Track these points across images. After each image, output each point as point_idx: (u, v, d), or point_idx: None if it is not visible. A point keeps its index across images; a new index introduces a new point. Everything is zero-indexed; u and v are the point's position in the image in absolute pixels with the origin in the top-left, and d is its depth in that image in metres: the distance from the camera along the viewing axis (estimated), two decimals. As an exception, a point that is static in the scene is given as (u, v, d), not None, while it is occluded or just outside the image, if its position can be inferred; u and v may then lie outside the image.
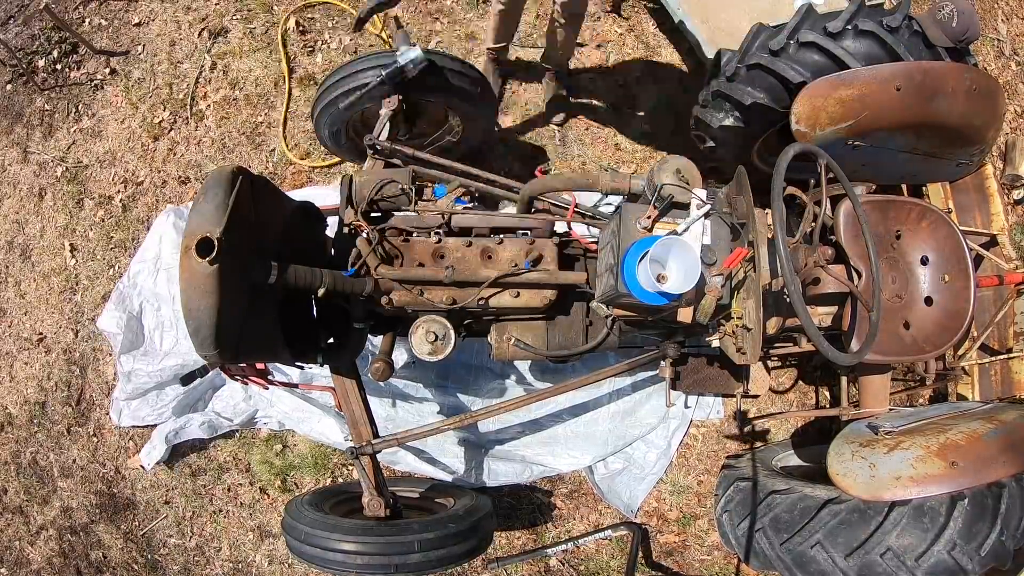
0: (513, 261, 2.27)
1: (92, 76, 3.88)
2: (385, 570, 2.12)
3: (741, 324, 2.07)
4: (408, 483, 2.98)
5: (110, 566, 3.37)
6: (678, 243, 1.88)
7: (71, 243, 3.68)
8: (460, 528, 2.25)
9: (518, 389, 3.24)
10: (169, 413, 3.23)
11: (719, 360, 2.81)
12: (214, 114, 3.72)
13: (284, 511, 2.39)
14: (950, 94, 2.29)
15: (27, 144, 3.88)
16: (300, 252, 2.06)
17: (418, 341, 2.25)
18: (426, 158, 2.69)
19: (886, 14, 2.32)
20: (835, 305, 2.36)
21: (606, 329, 2.38)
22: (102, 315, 3.36)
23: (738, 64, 2.49)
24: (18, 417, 3.60)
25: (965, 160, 2.69)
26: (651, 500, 3.20)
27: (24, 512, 3.51)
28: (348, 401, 2.47)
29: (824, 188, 1.98)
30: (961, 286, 2.34)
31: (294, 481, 3.29)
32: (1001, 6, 3.73)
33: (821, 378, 3.27)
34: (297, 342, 2.11)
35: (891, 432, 2.10)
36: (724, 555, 3.14)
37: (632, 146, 3.58)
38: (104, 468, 3.43)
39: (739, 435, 3.24)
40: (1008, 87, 3.57)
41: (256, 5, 3.82)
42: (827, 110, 2.26)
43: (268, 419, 3.26)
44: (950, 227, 2.39)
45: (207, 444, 3.33)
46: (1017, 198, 3.34)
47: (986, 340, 2.70)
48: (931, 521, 1.98)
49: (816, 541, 2.10)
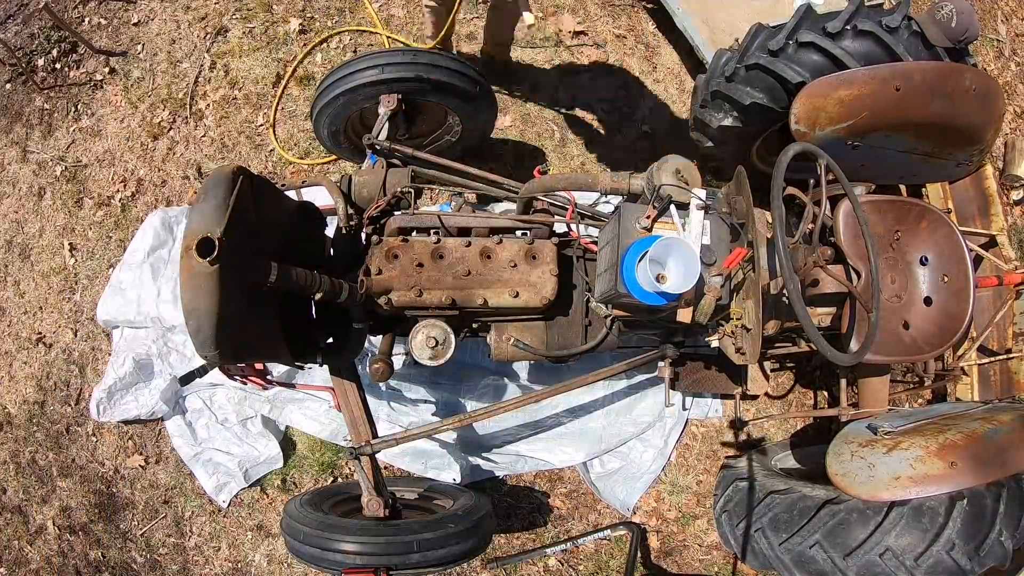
0: (512, 261, 2.27)
1: (91, 75, 3.88)
2: (384, 570, 2.12)
3: (740, 324, 2.07)
4: (407, 483, 2.98)
5: (109, 566, 3.37)
6: (678, 243, 1.88)
7: (70, 242, 3.67)
8: (459, 528, 2.24)
9: (513, 386, 3.25)
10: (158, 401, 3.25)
11: (718, 360, 2.82)
12: (213, 114, 3.71)
13: (283, 511, 2.39)
14: (949, 94, 2.29)
15: (26, 143, 3.88)
16: (300, 252, 2.06)
17: (418, 347, 2.25)
18: (425, 158, 2.69)
19: (885, 14, 2.32)
20: (834, 305, 2.36)
21: (605, 329, 2.38)
22: (99, 306, 3.37)
23: (737, 64, 2.49)
24: (17, 416, 3.59)
25: (964, 160, 2.69)
26: (650, 500, 3.20)
27: (23, 512, 3.51)
28: (347, 402, 2.47)
29: (824, 188, 1.98)
30: (960, 287, 2.34)
31: (293, 481, 3.29)
32: (1001, 6, 3.73)
33: (820, 378, 3.28)
34: (297, 342, 2.10)
35: (890, 432, 2.10)
36: (723, 555, 3.14)
37: (632, 146, 3.58)
38: (103, 468, 3.43)
39: (738, 435, 3.24)
40: (1007, 87, 3.57)
41: (256, 5, 3.82)
42: (826, 110, 2.27)
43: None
44: (949, 227, 2.39)
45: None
46: (1016, 198, 3.34)
47: (985, 341, 2.70)
48: (930, 521, 1.98)
49: (815, 541, 2.10)
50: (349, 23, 3.80)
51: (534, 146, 3.59)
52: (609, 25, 3.77)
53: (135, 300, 3.30)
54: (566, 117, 3.63)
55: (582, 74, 3.68)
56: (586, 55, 3.72)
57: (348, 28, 3.75)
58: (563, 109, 3.65)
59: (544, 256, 2.30)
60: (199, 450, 3.27)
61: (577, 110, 3.65)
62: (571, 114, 3.63)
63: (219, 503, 3.25)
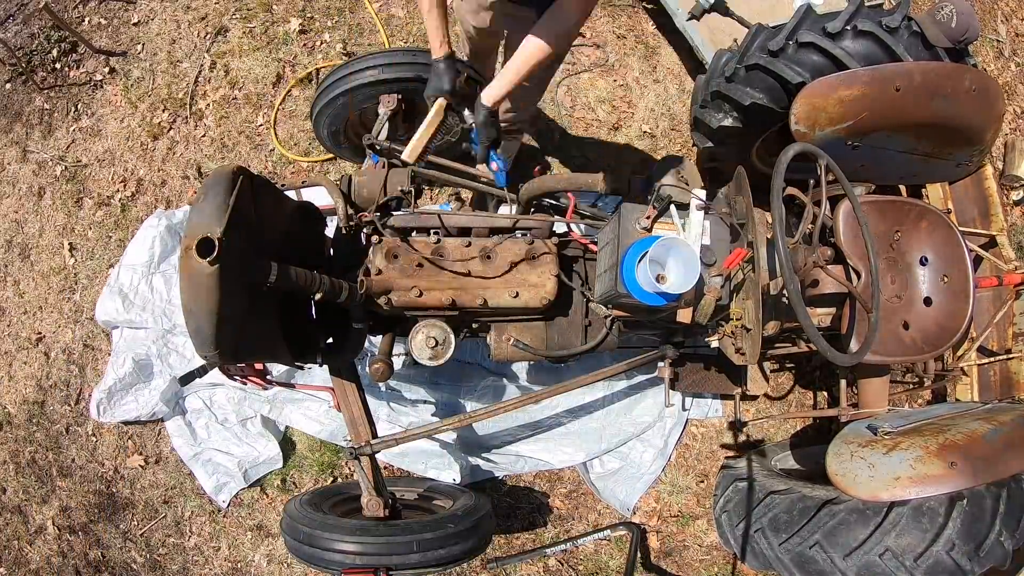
0: (512, 261, 2.27)
1: (91, 75, 3.88)
2: (384, 570, 2.12)
3: (740, 324, 2.07)
4: (407, 483, 2.98)
5: (109, 566, 3.37)
6: (678, 243, 1.88)
7: (70, 242, 3.67)
8: (459, 528, 2.24)
9: (512, 386, 3.25)
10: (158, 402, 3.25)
11: (718, 361, 2.82)
12: (213, 113, 3.71)
13: (283, 511, 2.39)
14: (949, 95, 2.29)
15: (26, 143, 3.88)
16: (300, 252, 2.06)
17: (418, 347, 2.24)
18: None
19: (885, 14, 2.32)
20: (834, 306, 2.36)
21: (605, 329, 2.38)
22: (98, 306, 3.37)
23: (737, 64, 2.49)
24: (17, 416, 3.59)
25: (964, 160, 2.69)
26: (650, 500, 3.20)
27: (23, 512, 3.50)
28: (347, 402, 2.47)
29: (824, 188, 1.98)
30: (960, 287, 2.34)
31: (293, 481, 3.29)
32: (1001, 7, 3.73)
33: (820, 379, 3.28)
34: (296, 342, 2.10)
35: (890, 433, 2.10)
36: (723, 555, 3.14)
37: (632, 146, 3.58)
38: (103, 468, 3.43)
39: (737, 436, 3.24)
40: (1007, 87, 3.57)
41: (256, 4, 3.82)
42: (826, 110, 2.27)
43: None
44: (949, 227, 2.39)
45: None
46: (1016, 198, 3.34)
47: (985, 341, 2.70)
48: (930, 521, 1.98)
49: (815, 541, 2.10)
50: (349, 22, 3.80)
51: (534, 146, 3.58)
52: (609, 25, 3.77)
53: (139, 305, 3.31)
54: (566, 117, 3.63)
55: (582, 74, 3.68)
56: (586, 55, 3.72)
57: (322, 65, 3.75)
58: (563, 109, 3.65)
59: (544, 256, 2.30)
60: (199, 450, 3.27)
61: (577, 110, 3.65)
62: (571, 114, 3.63)
63: (219, 503, 3.25)
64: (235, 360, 2.05)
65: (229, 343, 1.69)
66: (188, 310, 1.61)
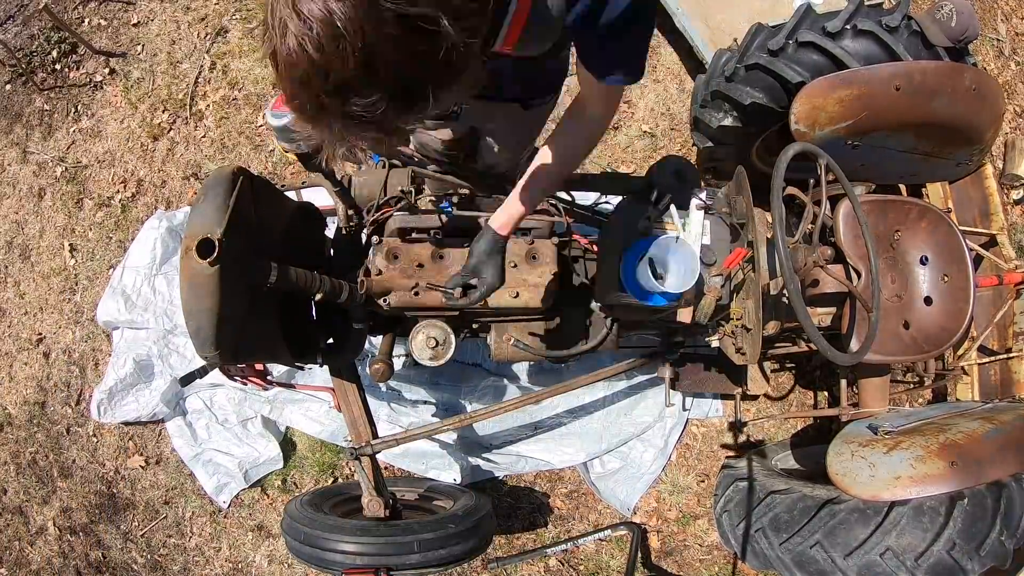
0: (512, 261, 2.27)
1: (91, 76, 3.88)
2: (385, 570, 2.12)
3: (740, 324, 2.07)
4: (407, 483, 2.98)
5: (109, 566, 3.37)
6: (678, 243, 1.88)
7: (70, 243, 3.67)
8: (460, 528, 2.24)
9: (513, 387, 3.25)
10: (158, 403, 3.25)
11: (718, 360, 2.82)
12: (213, 114, 3.71)
13: (284, 511, 2.39)
14: (949, 94, 2.29)
15: (26, 144, 3.88)
16: (300, 253, 2.06)
17: (419, 347, 2.24)
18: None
19: (885, 14, 2.32)
20: (834, 305, 2.36)
21: (605, 329, 2.38)
22: (99, 307, 3.37)
23: (737, 64, 2.49)
24: (17, 417, 3.59)
25: (965, 160, 2.69)
26: (650, 500, 3.20)
27: (24, 512, 3.51)
28: (347, 402, 2.47)
29: (824, 188, 1.98)
30: (960, 286, 2.34)
31: (293, 482, 3.29)
32: (1001, 6, 3.73)
33: (820, 378, 3.27)
34: (297, 342, 2.10)
35: (891, 432, 2.10)
36: (723, 555, 3.14)
37: (632, 146, 3.58)
38: (104, 468, 3.43)
39: (738, 436, 3.24)
40: (1007, 87, 3.57)
41: (256, 5, 3.82)
42: (826, 110, 2.26)
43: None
44: (949, 227, 2.39)
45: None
46: (1016, 198, 3.33)
47: (985, 340, 2.70)
48: (931, 521, 1.98)
49: (816, 541, 2.10)
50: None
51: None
52: (609, 25, 3.77)
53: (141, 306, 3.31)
54: (566, 117, 3.63)
55: (582, 74, 3.68)
56: (586, 55, 3.71)
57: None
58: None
59: (544, 256, 2.30)
60: (199, 451, 3.28)
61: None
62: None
63: (219, 504, 3.25)
64: (235, 360, 2.05)
65: (229, 343, 1.69)
66: (188, 311, 1.61)
